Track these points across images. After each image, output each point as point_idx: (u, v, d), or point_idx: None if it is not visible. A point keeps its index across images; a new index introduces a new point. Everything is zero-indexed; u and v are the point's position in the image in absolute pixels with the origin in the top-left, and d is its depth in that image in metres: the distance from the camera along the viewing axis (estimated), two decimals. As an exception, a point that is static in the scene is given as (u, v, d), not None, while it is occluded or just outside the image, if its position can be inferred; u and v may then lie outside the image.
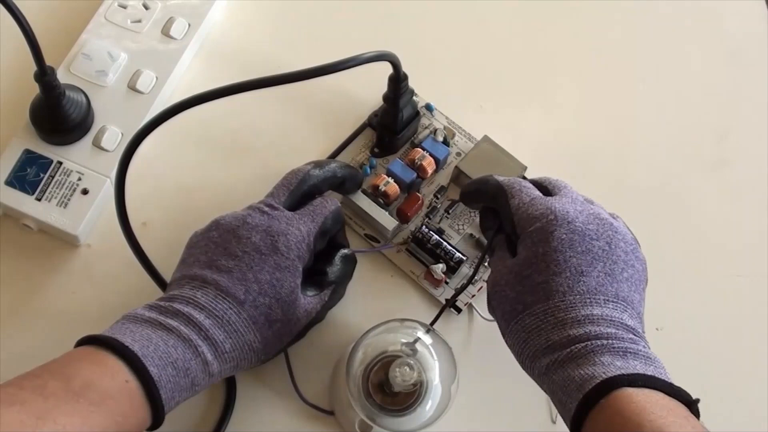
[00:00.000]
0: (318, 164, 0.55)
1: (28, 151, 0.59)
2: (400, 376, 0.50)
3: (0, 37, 0.64)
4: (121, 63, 0.62)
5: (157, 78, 0.62)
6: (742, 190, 0.65)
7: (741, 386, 0.60)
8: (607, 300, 0.46)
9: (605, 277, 0.47)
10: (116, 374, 0.44)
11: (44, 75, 0.55)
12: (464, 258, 0.59)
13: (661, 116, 0.67)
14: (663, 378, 0.43)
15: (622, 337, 0.45)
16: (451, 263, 0.59)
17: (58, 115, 0.58)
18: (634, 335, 0.46)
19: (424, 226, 0.59)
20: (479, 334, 0.59)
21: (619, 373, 0.42)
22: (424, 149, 0.61)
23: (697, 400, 0.43)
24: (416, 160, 0.61)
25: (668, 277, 0.61)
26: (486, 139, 0.62)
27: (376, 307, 0.59)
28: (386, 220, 0.59)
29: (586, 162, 0.65)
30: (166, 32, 0.63)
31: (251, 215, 0.52)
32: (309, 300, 0.52)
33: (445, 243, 0.59)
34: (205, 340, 0.47)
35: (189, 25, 0.64)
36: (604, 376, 0.42)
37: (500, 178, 0.53)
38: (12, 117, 0.61)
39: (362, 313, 0.59)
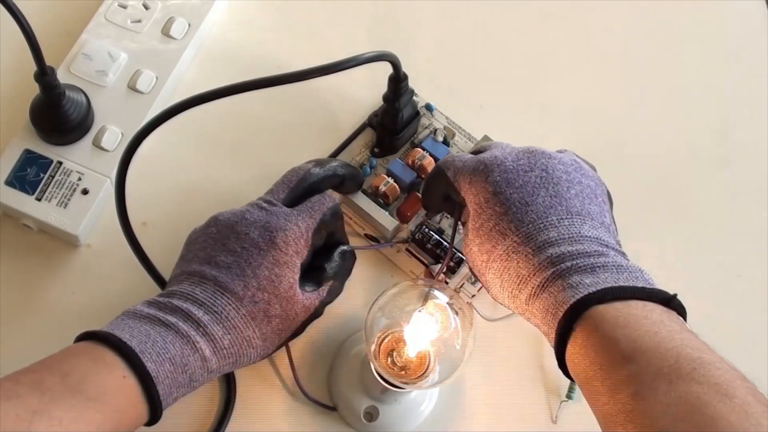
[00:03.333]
0: (319, 163, 0.55)
1: (28, 151, 0.59)
2: (417, 331, 0.49)
3: (0, 37, 0.64)
4: (121, 63, 0.62)
5: (157, 78, 0.62)
6: (742, 190, 0.65)
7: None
8: (561, 219, 0.46)
9: (551, 199, 0.47)
10: (113, 370, 0.44)
11: (44, 75, 0.55)
12: (464, 258, 0.59)
13: (662, 116, 0.67)
14: (634, 285, 0.43)
15: (587, 252, 0.45)
16: (451, 263, 0.59)
17: (58, 115, 0.58)
18: (600, 246, 0.45)
19: (424, 226, 0.59)
20: (478, 334, 0.59)
21: (586, 292, 0.42)
22: (424, 149, 0.61)
23: (674, 296, 0.43)
24: (416, 160, 0.61)
25: (668, 277, 0.60)
26: (486, 139, 0.62)
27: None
28: (386, 220, 0.59)
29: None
30: (166, 32, 0.63)
31: (250, 211, 0.52)
32: (307, 295, 0.52)
33: (445, 243, 0.59)
34: (203, 336, 0.47)
35: (189, 25, 0.64)
36: (573, 300, 0.43)
37: (436, 162, 0.54)
38: (12, 117, 0.61)
39: (362, 312, 0.59)
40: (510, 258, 0.47)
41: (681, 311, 0.43)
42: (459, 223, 0.55)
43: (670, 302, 0.43)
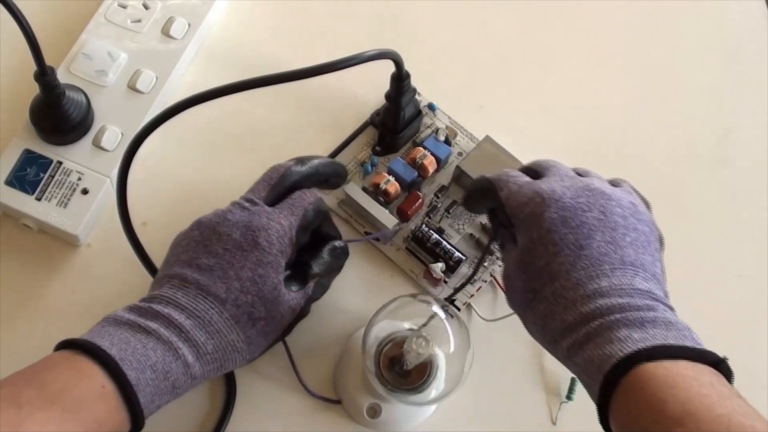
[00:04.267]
0: (300, 160, 0.54)
1: (28, 151, 0.59)
2: (416, 349, 0.49)
3: (0, 37, 0.64)
4: (121, 63, 0.62)
5: (157, 78, 0.62)
6: (743, 190, 0.65)
7: (741, 386, 0.59)
8: (614, 268, 0.45)
9: (606, 246, 0.46)
10: (92, 379, 0.43)
11: (44, 75, 0.55)
12: (464, 257, 0.59)
13: (662, 115, 0.67)
14: (684, 344, 0.42)
15: (637, 306, 0.43)
16: (451, 263, 0.59)
17: (58, 115, 0.58)
18: (651, 299, 0.44)
19: (424, 225, 0.59)
20: (478, 334, 0.59)
21: (636, 348, 0.41)
22: (425, 148, 0.61)
23: (725, 359, 0.41)
24: (417, 159, 0.61)
25: (668, 277, 0.60)
26: (487, 139, 0.62)
27: (376, 305, 0.59)
28: (386, 218, 0.59)
29: (588, 162, 0.65)
30: (166, 32, 0.63)
31: (232, 212, 0.51)
32: (293, 296, 0.51)
33: (444, 242, 0.59)
34: (185, 342, 0.46)
35: (189, 24, 0.64)
36: (621, 355, 0.41)
37: (490, 175, 0.53)
38: (12, 117, 0.61)
39: (362, 311, 0.59)
40: (557, 302, 0.45)
41: (729, 375, 0.42)
42: (492, 241, 0.54)
43: (719, 365, 0.41)
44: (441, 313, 0.51)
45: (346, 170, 0.59)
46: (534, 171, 0.52)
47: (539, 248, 0.47)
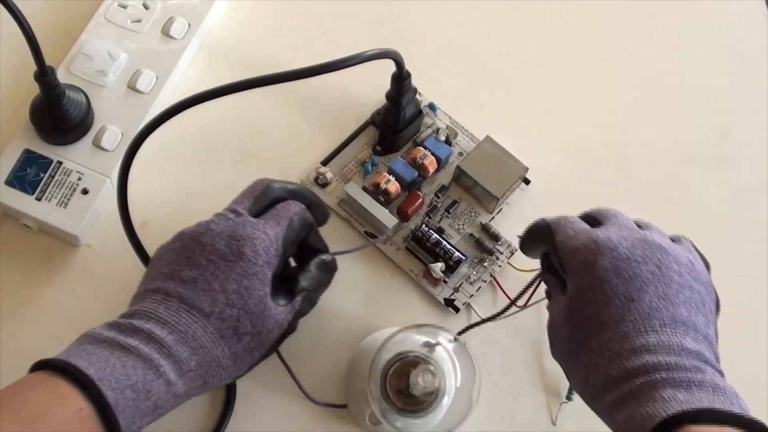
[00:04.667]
0: (284, 181, 0.53)
1: (28, 151, 0.59)
2: (422, 383, 0.49)
3: (0, 37, 0.64)
4: (121, 63, 0.62)
5: (157, 78, 0.62)
6: (743, 190, 0.65)
7: (741, 386, 0.59)
8: (664, 325, 0.44)
9: (659, 301, 0.44)
10: (69, 402, 0.41)
11: (44, 75, 0.55)
12: (463, 257, 0.59)
13: (662, 115, 0.67)
14: (731, 410, 0.40)
15: (685, 366, 0.42)
16: (450, 262, 0.59)
17: (58, 115, 0.58)
18: (699, 361, 0.43)
19: (424, 225, 0.59)
20: (478, 334, 0.59)
21: (680, 409, 0.40)
22: (426, 148, 0.61)
23: None
24: (418, 159, 0.61)
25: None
26: (488, 139, 0.62)
27: (376, 305, 0.59)
28: (386, 217, 0.59)
29: (588, 162, 0.65)
30: (166, 32, 0.63)
31: (215, 222, 0.49)
32: (280, 310, 0.49)
33: (444, 242, 0.59)
34: (167, 358, 0.44)
35: (189, 24, 0.64)
36: (665, 415, 0.40)
37: (549, 218, 0.51)
38: (12, 117, 0.61)
39: (362, 311, 0.59)
40: (602, 354, 0.44)
41: None
42: (537, 284, 0.53)
43: None
44: (447, 345, 0.50)
45: (328, 210, 0.56)
46: (593, 218, 0.51)
47: (589, 297, 0.45)
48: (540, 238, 0.51)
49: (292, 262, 0.53)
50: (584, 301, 0.46)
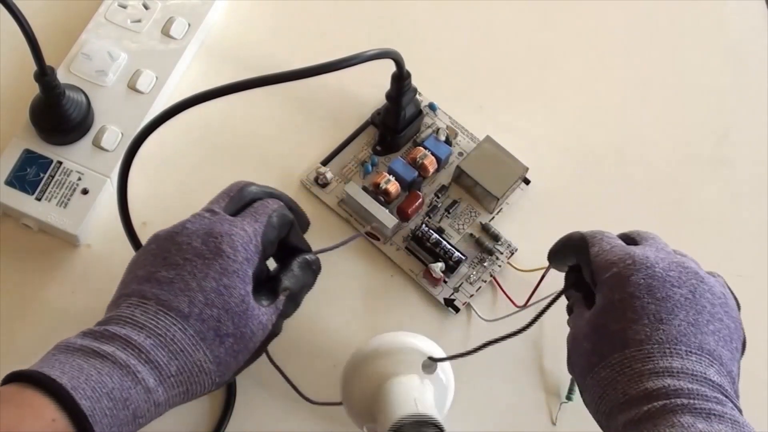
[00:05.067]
0: (262, 185, 0.52)
1: (28, 151, 0.59)
2: None
3: (0, 37, 0.64)
4: (121, 63, 0.62)
5: (157, 78, 0.62)
6: (743, 190, 0.65)
7: (740, 387, 0.60)
8: (690, 351, 0.43)
9: (688, 327, 0.43)
10: (42, 414, 0.39)
11: (44, 75, 0.55)
12: (463, 257, 0.59)
13: (662, 115, 0.67)
14: None
15: (706, 396, 0.41)
16: (450, 262, 0.59)
17: (58, 115, 0.58)
18: (721, 394, 0.42)
19: (424, 225, 0.59)
20: (477, 334, 0.59)
21: None
22: (426, 148, 0.61)
23: None
24: (418, 159, 0.61)
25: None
26: (488, 139, 0.62)
27: (376, 305, 0.59)
28: (386, 217, 0.59)
29: (588, 162, 0.65)
30: (166, 32, 0.63)
31: (191, 221, 0.47)
32: (263, 311, 0.47)
33: (444, 242, 0.59)
34: (146, 364, 0.42)
35: (189, 24, 0.64)
36: None
37: (585, 231, 0.50)
38: (12, 117, 0.61)
39: (362, 310, 0.59)
40: (623, 372, 0.43)
41: None
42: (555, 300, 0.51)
43: None
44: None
45: (308, 220, 0.54)
46: (630, 238, 0.50)
47: (617, 311, 0.44)
48: (573, 249, 0.50)
49: (273, 264, 0.52)
50: (612, 315, 0.45)
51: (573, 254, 0.51)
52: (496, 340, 0.50)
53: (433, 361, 0.50)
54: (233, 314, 0.45)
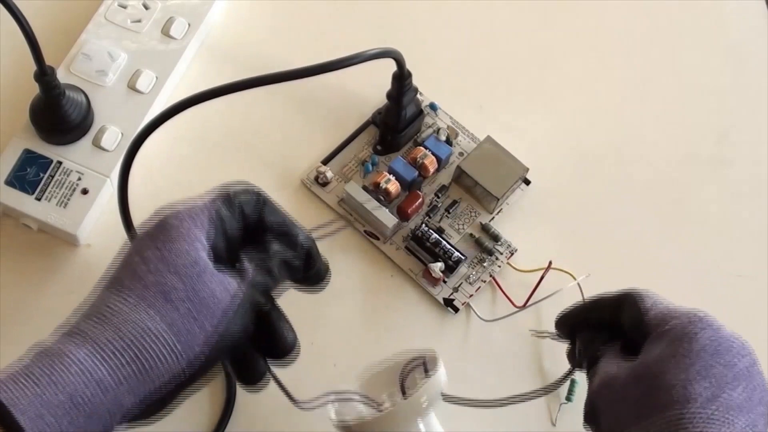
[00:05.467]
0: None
1: (28, 151, 0.59)
2: None
3: (0, 37, 0.64)
4: (121, 63, 0.62)
5: (157, 78, 0.62)
6: (743, 190, 0.65)
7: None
8: (745, 427, 0.41)
9: (745, 402, 0.42)
10: None
11: (44, 75, 0.55)
12: (463, 257, 0.59)
13: (662, 116, 0.67)
14: None
15: None
16: (450, 262, 0.59)
17: (58, 115, 0.58)
18: None
19: (423, 225, 0.59)
20: (477, 334, 0.59)
21: None
22: (426, 148, 0.61)
23: None
24: (418, 159, 0.61)
25: (668, 277, 0.61)
26: (488, 139, 0.62)
27: (376, 304, 0.59)
28: (386, 217, 0.59)
29: (588, 162, 0.65)
30: (166, 32, 0.63)
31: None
32: (226, 273, 0.42)
33: (444, 242, 0.59)
34: (72, 337, 0.38)
35: (189, 24, 0.64)
36: None
37: (625, 289, 0.49)
38: (12, 117, 0.61)
39: (361, 310, 0.59)
40: (684, 428, 0.41)
41: None
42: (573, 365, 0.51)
43: None
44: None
45: (328, 268, 0.49)
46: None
47: (680, 365, 0.42)
48: (617, 303, 0.48)
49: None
50: (672, 367, 0.43)
51: (611, 309, 0.49)
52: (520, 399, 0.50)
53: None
54: (183, 276, 0.40)
